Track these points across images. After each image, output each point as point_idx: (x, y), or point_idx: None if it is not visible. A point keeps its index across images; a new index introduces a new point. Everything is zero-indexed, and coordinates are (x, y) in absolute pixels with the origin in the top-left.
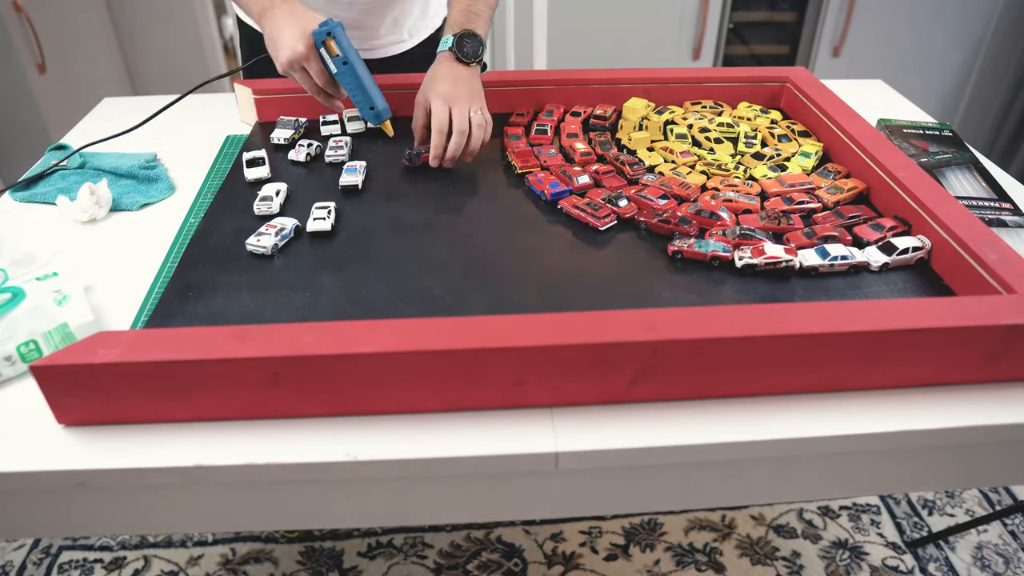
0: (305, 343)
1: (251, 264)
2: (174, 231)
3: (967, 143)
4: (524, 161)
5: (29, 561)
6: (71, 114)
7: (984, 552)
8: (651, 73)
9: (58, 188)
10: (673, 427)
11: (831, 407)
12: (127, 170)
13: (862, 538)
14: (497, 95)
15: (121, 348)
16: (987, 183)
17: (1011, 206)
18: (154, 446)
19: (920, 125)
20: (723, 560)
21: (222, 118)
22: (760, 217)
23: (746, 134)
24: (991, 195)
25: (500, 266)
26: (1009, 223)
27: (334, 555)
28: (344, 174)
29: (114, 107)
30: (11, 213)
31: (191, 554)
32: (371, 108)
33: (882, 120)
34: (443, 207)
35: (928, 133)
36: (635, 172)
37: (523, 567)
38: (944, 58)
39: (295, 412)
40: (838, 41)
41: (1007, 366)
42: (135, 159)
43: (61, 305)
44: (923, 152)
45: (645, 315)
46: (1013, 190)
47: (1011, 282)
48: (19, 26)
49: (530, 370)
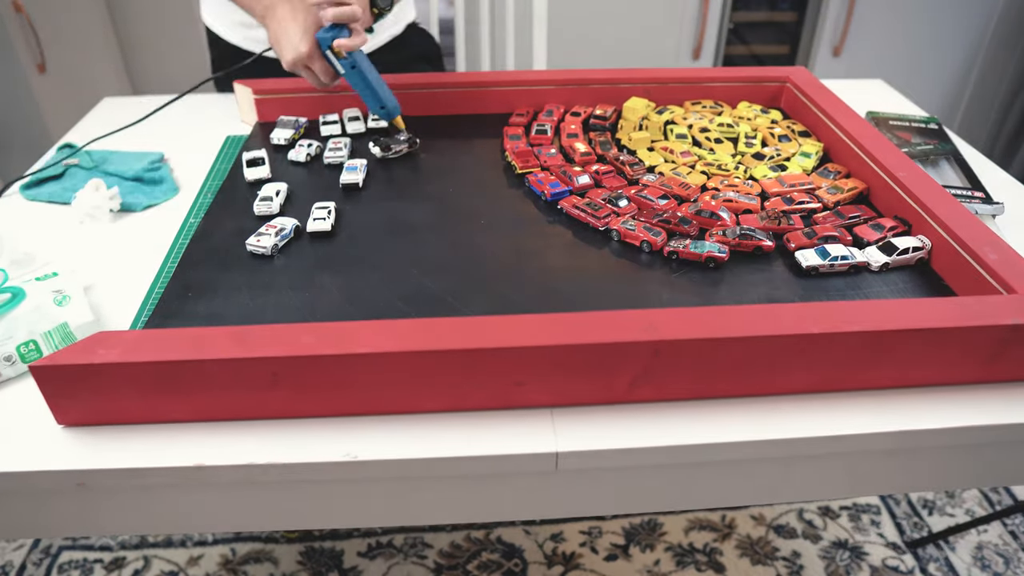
0: (305, 343)
1: (251, 264)
2: (174, 231)
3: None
4: (524, 161)
5: (29, 561)
6: (71, 114)
7: (984, 552)
8: (651, 73)
9: (64, 188)
10: (673, 427)
11: (831, 407)
12: (134, 173)
13: (862, 538)
14: (497, 95)
15: (121, 348)
16: (964, 173)
17: (983, 195)
18: (154, 446)
19: (907, 118)
20: (723, 560)
21: (222, 118)
22: (760, 217)
23: (746, 134)
24: (965, 184)
25: (500, 266)
26: (979, 211)
27: (334, 555)
28: (344, 172)
29: (114, 107)
30: (15, 213)
31: (191, 554)
32: (382, 107)
33: (870, 112)
34: (443, 207)
35: (914, 126)
36: (635, 172)
37: (523, 567)
38: (944, 58)
39: (295, 412)
40: (838, 41)
41: (1007, 366)
42: (142, 159)
43: (61, 305)
44: (905, 143)
45: (645, 315)
46: (996, 181)
47: (1011, 282)
48: (19, 26)
49: (530, 370)
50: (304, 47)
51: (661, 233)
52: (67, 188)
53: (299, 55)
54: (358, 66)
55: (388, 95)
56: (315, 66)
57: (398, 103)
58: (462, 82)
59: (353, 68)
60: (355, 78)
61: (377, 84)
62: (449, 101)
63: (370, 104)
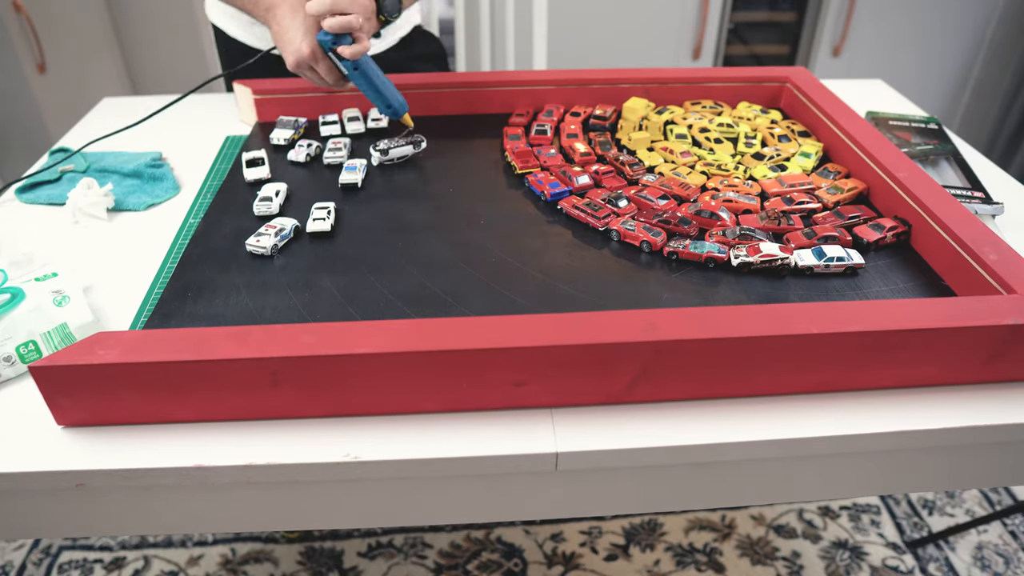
0: (305, 343)
1: (251, 264)
2: (174, 231)
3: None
4: (524, 161)
5: (29, 561)
6: (71, 114)
7: (984, 552)
8: (651, 73)
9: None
10: (673, 427)
11: (831, 407)
12: (132, 169)
13: (862, 538)
14: (497, 95)
15: (120, 349)
16: (964, 173)
17: (982, 195)
18: (154, 446)
19: (907, 118)
20: (723, 560)
21: (222, 118)
22: (760, 217)
23: (746, 134)
24: (965, 184)
25: (500, 266)
26: (979, 211)
27: (334, 555)
28: (344, 172)
29: (114, 107)
30: (14, 213)
31: (191, 554)
32: (388, 107)
33: (870, 112)
34: (443, 207)
35: (914, 126)
36: (635, 172)
37: (523, 567)
38: (944, 58)
39: (295, 412)
40: (838, 41)
41: (1007, 366)
42: (141, 158)
43: (61, 306)
44: (904, 143)
45: (645, 315)
46: (996, 182)
47: (1011, 282)
48: (19, 26)
49: (530, 370)
50: (306, 48)
51: (661, 233)
52: (65, 191)
53: (301, 56)
54: (361, 67)
55: (394, 94)
56: (319, 67)
57: (405, 101)
58: (462, 82)
59: (356, 70)
60: (359, 79)
61: (382, 85)
62: (449, 101)
63: (377, 104)
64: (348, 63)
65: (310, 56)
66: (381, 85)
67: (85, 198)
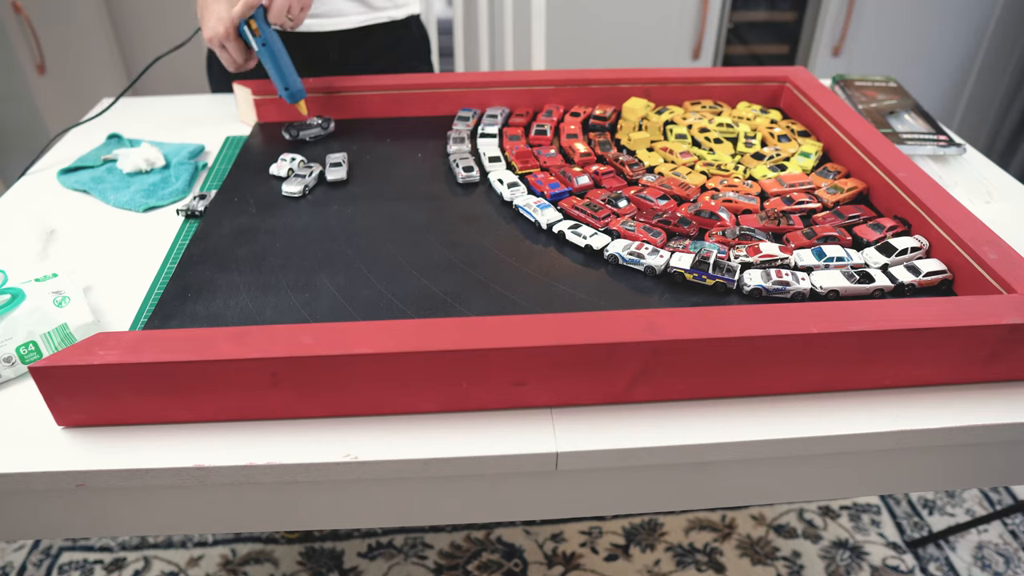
0: (305, 343)
1: (251, 264)
2: (174, 231)
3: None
4: (524, 162)
5: (29, 562)
6: (71, 114)
7: (984, 552)
8: (651, 73)
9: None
10: (673, 427)
11: (831, 407)
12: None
13: (862, 538)
14: (497, 95)
15: (120, 349)
16: (927, 122)
17: (946, 138)
18: (154, 447)
19: (870, 78)
20: (723, 560)
21: (222, 118)
22: (760, 217)
23: (746, 134)
24: (930, 130)
25: (500, 266)
26: (945, 153)
27: (334, 555)
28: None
29: (114, 107)
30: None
31: (191, 555)
32: (286, 88)
33: (838, 76)
34: (443, 207)
35: (876, 85)
36: (635, 172)
37: (523, 567)
38: (944, 58)
39: (295, 413)
40: (838, 41)
41: (1007, 366)
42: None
43: (61, 306)
44: (871, 99)
45: (645, 315)
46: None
47: (1011, 282)
48: (19, 26)
49: (530, 370)
50: (221, 28)
51: (661, 233)
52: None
53: (215, 34)
54: (269, 44)
55: (295, 78)
56: (229, 46)
57: (303, 88)
58: (461, 82)
59: (264, 46)
60: (265, 56)
61: (285, 66)
62: (449, 101)
63: (276, 84)
64: (258, 39)
65: (224, 34)
66: (285, 66)
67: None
